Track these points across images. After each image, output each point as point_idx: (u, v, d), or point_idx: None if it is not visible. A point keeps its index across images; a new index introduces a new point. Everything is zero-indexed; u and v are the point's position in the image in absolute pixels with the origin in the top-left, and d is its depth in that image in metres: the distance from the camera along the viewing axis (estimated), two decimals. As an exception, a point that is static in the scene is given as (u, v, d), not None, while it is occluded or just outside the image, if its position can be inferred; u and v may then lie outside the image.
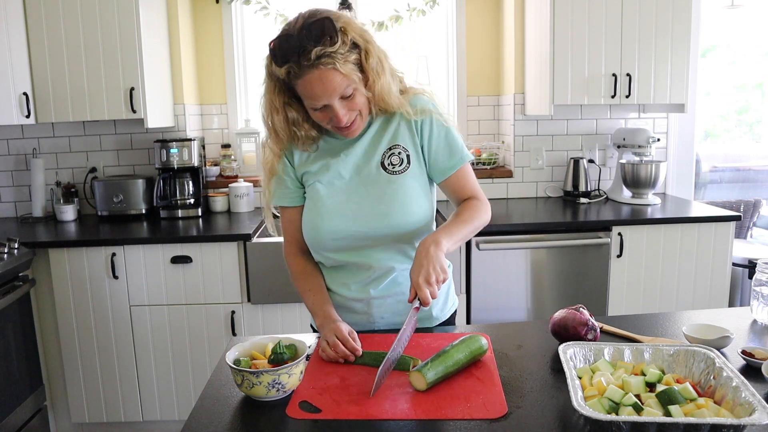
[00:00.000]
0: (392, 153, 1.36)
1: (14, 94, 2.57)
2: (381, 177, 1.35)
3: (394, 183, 1.35)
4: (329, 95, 1.21)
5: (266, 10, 3.15)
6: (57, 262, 2.52)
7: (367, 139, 1.37)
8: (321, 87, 1.20)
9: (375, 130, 1.38)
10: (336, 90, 1.21)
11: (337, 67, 1.18)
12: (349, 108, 1.26)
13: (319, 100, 1.22)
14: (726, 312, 1.55)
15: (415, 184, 1.37)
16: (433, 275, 1.17)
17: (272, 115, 1.31)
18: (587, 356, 1.10)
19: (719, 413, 0.91)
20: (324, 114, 1.26)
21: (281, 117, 1.31)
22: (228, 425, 1.01)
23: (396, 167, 1.35)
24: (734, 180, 4.11)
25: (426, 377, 1.07)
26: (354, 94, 1.24)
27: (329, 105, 1.23)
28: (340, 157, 1.37)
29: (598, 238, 2.64)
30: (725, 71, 4.05)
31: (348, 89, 1.23)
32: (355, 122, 1.29)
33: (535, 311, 2.71)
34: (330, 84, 1.20)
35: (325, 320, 1.32)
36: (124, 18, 2.64)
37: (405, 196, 1.34)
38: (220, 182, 3.17)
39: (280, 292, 2.55)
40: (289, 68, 1.20)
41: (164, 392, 2.64)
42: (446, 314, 1.51)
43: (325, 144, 1.40)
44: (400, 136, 1.37)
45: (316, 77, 1.19)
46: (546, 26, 2.81)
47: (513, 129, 3.20)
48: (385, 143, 1.36)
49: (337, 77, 1.19)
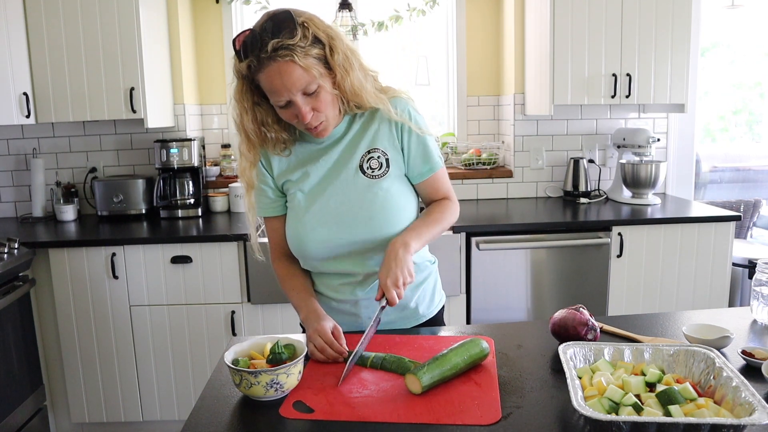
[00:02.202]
0: (371, 157, 1.35)
1: (14, 94, 2.57)
2: (360, 181, 1.34)
3: (374, 187, 1.34)
4: (289, 89, 1.20)
5: (266, 10, 3.15)
6: (57, 262, 2.52)
7: (345, 142, 1.36)
8: (279, 80, 1.19)
9: (353, 134, 1.36)
10: (295, 84, 1.20)
11: (296, 59, 1.17)
12: (313, 106, 1.24)
13: (281, 95, 1.21)
14: (726, 312, 1.55)
15: (396, 187, 1.36)
16: (401, 278, 1.22)
17: (242, 116, 1.30)
18: (587, 356, 1.10)
19: (719, 413, 0.91)
20: (290, 112, 1.25)
21: (250, 117, 1.30)
22: (227, 425, 1.01)
23: (375, 171, 1.35)
24: (734, 180, 4.11)
25: (421, 381, 1.06)
26: (318, 92, 1.23)
27: (292, 101, 1.22)
28: (319, 163, 1.36)
29: (598, 238, 2.64)
30: (724, 70, 4.05)
31: (311, 85, 1.21)
32: (322, 122, 1.28)
33: (535, 311, 2.71)
34: (288, 77, 1.19)
35: (309, 315, 1.32)
36: (124, 18, 2.64)
37: (385, 200, 1.34)
38: (220, 182, 3.17)
39: (280, 292, 2.49)
40: (250, 62, 1.20)
41: (164, 392, 2.64)
42: (433, 311, 1.50)
43: (302, 150, 1.38)
44: (379, 139, 1.35)
45: (275, 70, 1.18)
46: (546, 26, 2.81)
47: (513, 129, 3.20)
48: (363, 147, 1.35)
49: (296, 70, 1.18)
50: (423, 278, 1.46)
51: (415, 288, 1.44)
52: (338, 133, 1.37)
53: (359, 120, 1.37)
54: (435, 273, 1.52)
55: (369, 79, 1.32)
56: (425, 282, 1.47)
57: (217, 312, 2.58)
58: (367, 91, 1.29)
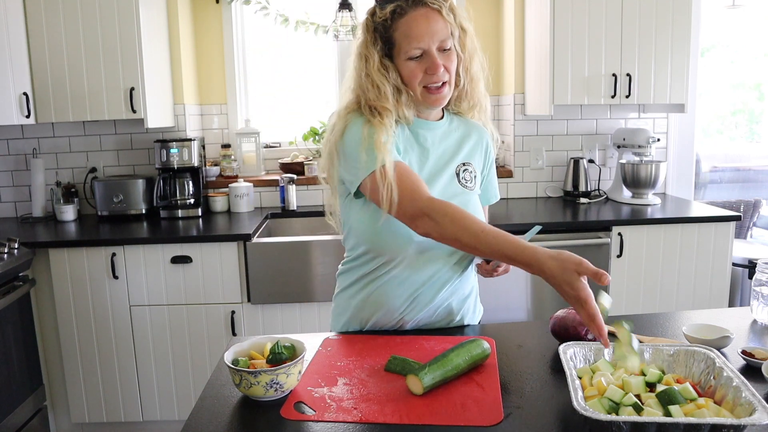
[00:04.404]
0: (465, 169, 1.41)
1: (14, 94, 2.57)
2: (456, 187, 1.38)
3: (465, 195, 1.38)
4: (431, 36, 1.25)
5: (266, 10, 3.16)
6: (57, 262, 2.52)
7: (444, 148, 1.40)
8: (426, 24, 1.24)
9: (451, 142, 1.41)
10: (437, 33, 1.25)
11: (442, 12, 1.25)
12: (444, 63, 1.28)
13: (421, 40, 1.25)
14: (726, 312, 1.54)
15: (478, 201, 1.43)
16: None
17: (369, 66, 1.29)
18: (587, 356, 1.10)
19: (719, 413, 0.91)
20: (419, 65, 1.28)
21: (376, 67, 1.29)
22: (227, 425, 1.00)
23: (468, 183, 1.40)
24: (734, 180, 4.11)
25: (423, 382, 1.06)
26: (450, 52, 1.29)
27: (427, 51, 1.26)
28: (422, 157, 1.37)
29: (598, 238, 2.63)
30: (723, 70, 4.05)
31: (448, 41, 1.27)
32: (444, 86, 1.31)
33: (535, 311, 2.71)
34: (435, 23, 1.25)
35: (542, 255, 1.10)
36: (124, 18, 2.64)
37: (475, 208, 1.40)
38: (220, 182, 3.17)
39: (280, 292, 2.55)
40: (396, 6, 1.25)
41: (164, 392, 2.64)
42: (475, 322, 1.51)
43: (404, 138, 1.35)
44: (472, 156, 1.43)
45: (423, 14, 1.25)
46: (546, 26, 2.81)
47: (513, 129, 3.20)
48: (460, 158, 1.41)
49: (440, 21, 1.25)
50: (469, 291, 1.46)
51: (463, 300, 1.44)
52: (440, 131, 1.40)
53: (456, 131, 1.43)
54: (477, 285, 1.52)
55: (483, 77, 1.39)
56: (470, 294, 1.47)
57: (217, 312, 2.58)
58: (480, 88, 1.39)
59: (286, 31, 3.20)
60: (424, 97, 1.32)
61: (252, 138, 3.21)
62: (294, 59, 3.33)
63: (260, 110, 3.37)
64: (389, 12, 1.26)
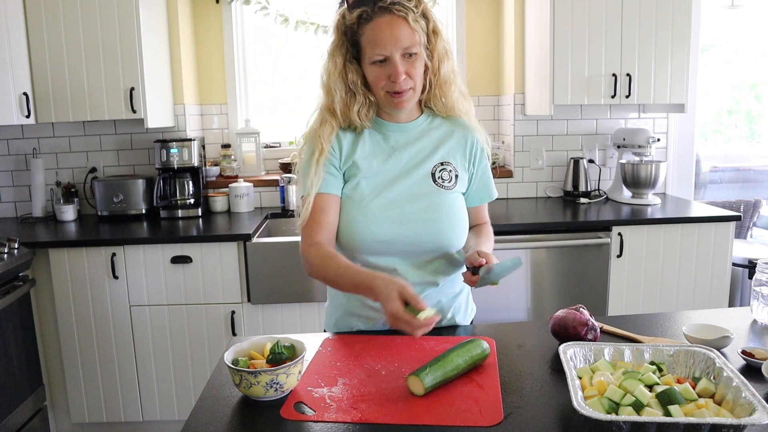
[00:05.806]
0: (443, 169, 1.39)
1: (14, 94, 2.57)
2: (429, 186, 1.37)
3: (441, 195, 1.37)
4: (394, 43, 1.25)
5: (266, 10, 3.16)
6: (57, 262, 2.52)
7: (419, 146, 1.39)
8: (389, 31, 1.25)
9: (429, 141, 1.40)
10: (401, 40, 1.25)
11: (408, 19, 1.25)
12: (407, 70, 1.28)
13: (384, 47, 1.26)
14: (726, 312, 1.55)
15: (458, 202, 1.41)
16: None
17: (331, 72, 1.34)
18: (587, 356, 1.10)
19: (719, 413, 0.91)
20: (383, 70, 1.29)
21: (338, 73, 1.33)
22: (227, 425, 1.00)
23: (446, 182, 1.39)
24: (734, 180, 4.11)
25: (424, 382, 1.06)
26: (415, 59, 1.29)
27: (390, 58, 1.26)
28: (391, 159, 1.37)
29: (598, 238, 2.63)
30: (721, 70, 4.05)
31: (413, 48, 1.27)
32: (409, 90, 1.31)
33: (535, 311, 2.71)
34: (398, 30, 1.25)
35: (375, 279, 1.17)
36: (124, 18, 2.64)
37: (451, 209, 1.38)
38: (220, 182, 3.17)
39: (280, 292, 2.55)
40: (363, 11, 1.26)
41: (164, 392, 2.64)
42: (467, 321, 1.53)
43: (375, 141, 1.39)
44: (452, 155, 1.41)
45: (387, 21, 1.25)
46: (546, 26, 2.81)
47: (513, 129, 3.20)
48: (437, 157, 1.39)
49: (405, 28, 1.25)
50: (459, 290, 1.48)
51: (453, 298, 1.46)
52: (413, 132, 1.40)
53: (436, 129, 1.42)
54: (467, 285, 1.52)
55: (457, 79, 1.39)
56: (461, 293, 1.49)
57: (217, 312, 2.58)
58: (454, 87, 1.38)
59: (286, 31, 3.20)
60: (387, 101, 1.34)
61: (252, 138, 3.21)
62: (294, 59, 3.33)
63: (260, 110, 3.37)
64: (356, 17, 1.27)
